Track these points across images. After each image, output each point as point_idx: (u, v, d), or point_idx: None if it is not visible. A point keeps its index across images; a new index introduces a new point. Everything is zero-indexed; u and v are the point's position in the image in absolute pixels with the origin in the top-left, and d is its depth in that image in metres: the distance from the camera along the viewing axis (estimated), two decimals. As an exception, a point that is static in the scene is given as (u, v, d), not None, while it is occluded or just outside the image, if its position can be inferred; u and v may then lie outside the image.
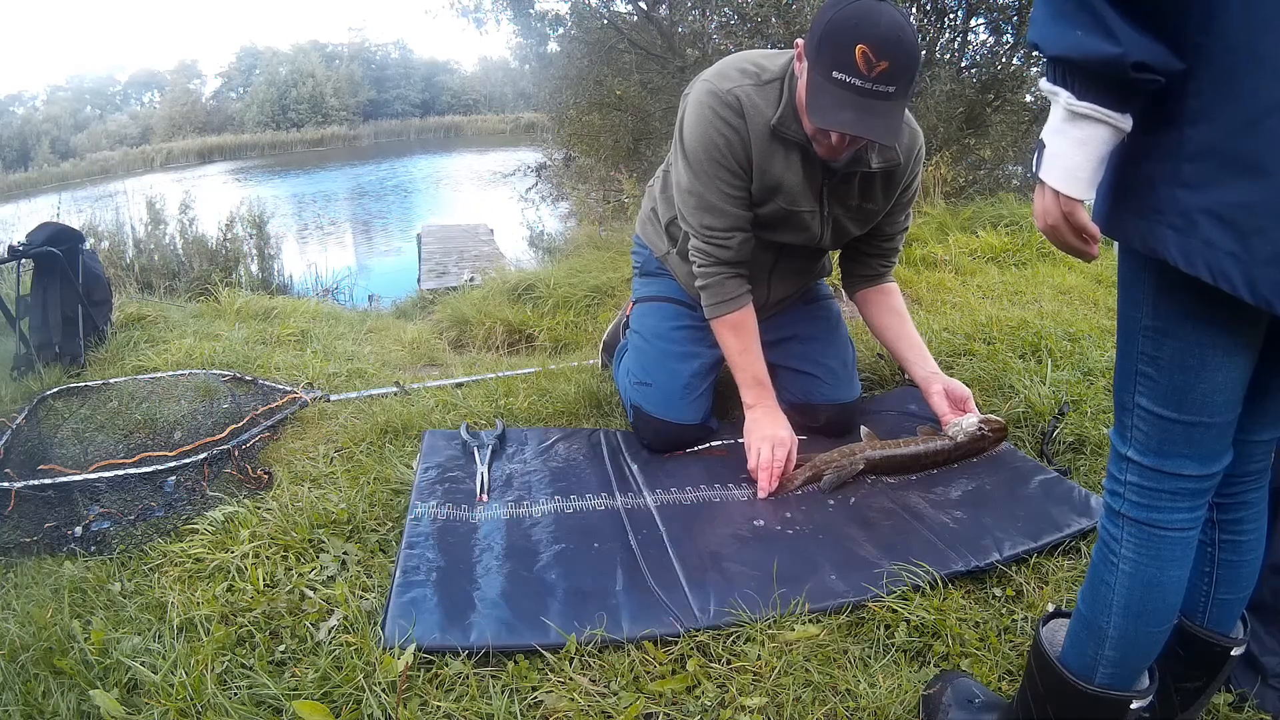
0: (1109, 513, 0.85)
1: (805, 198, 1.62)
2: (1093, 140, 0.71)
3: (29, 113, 36.42)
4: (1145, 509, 0.82)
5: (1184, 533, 0.82)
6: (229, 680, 1.13)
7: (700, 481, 1.66)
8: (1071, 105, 0.71)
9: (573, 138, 8.98)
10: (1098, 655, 0.86)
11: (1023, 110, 6.43)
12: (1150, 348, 0.77)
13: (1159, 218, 0.70)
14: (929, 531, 1.46)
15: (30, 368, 2.48)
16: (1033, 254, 4.10)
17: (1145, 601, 0.83)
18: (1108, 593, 0.84)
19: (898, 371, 2.21)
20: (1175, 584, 0.83)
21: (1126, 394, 0.81)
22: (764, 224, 1.67)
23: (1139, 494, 0.82)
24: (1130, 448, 0.82)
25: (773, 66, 1.57)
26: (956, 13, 6.48)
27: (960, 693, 1.06)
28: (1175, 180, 0.69)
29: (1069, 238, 0.76)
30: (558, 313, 3.82)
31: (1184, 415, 0.77)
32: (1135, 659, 0.86)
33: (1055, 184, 0.73)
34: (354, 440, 1.92)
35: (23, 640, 1.23)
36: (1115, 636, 0.84)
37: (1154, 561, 0.82)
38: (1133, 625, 0.84)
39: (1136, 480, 0.82)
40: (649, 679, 1.14)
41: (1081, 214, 0.75)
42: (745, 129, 1.54)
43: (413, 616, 1.23)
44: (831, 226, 1.69)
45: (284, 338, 2.99)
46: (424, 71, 45.72)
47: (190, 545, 1.48)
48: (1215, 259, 0.67)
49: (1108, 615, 0.84)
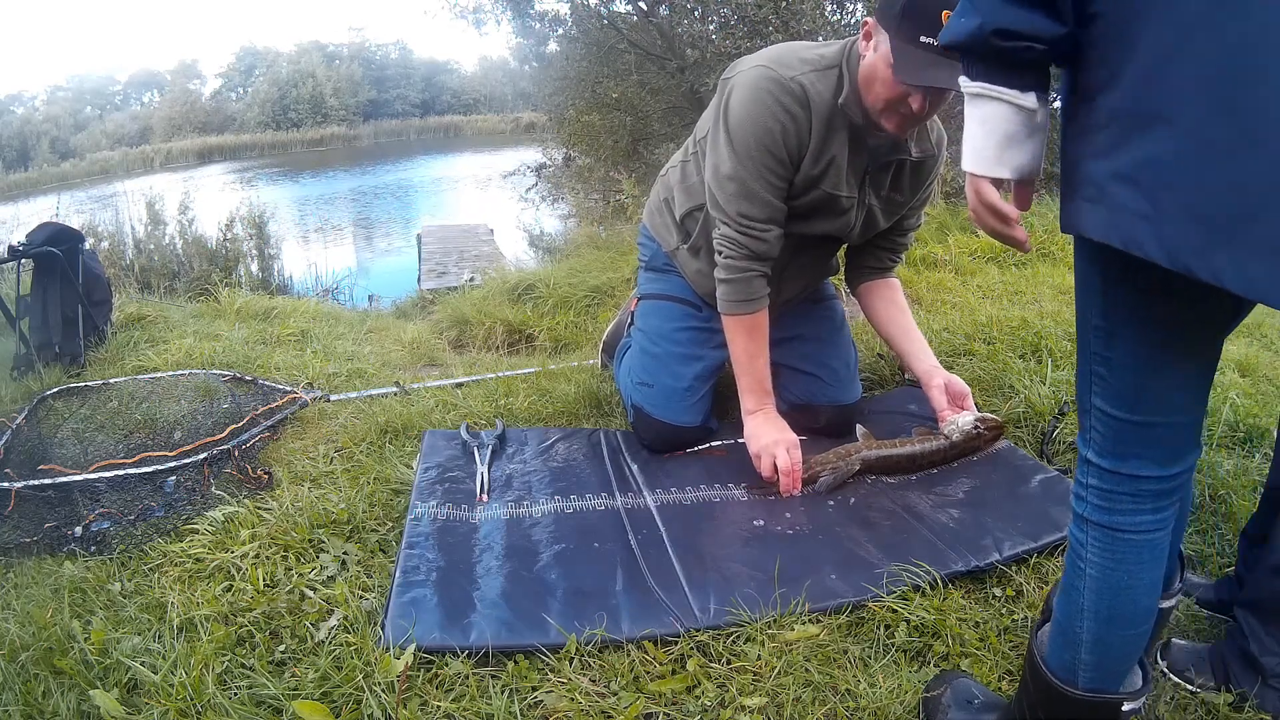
0: (1075, 517, 0.84)
1: (848, 183, 1.62)
2: (992, 119, 0.72)
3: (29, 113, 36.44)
4: (1106, 512, 0.80)
5: (1148, 535, 0.80)
6: (229, 680, 1.13)
7: (700, 481, 1.66)
8: (966, 88, 0.72)
9: (572, 138, 8.98)
10: (1076, 660, 0.85)
11: (1023, 110, 6.42)
12: (1101, 347, 0.75)
13: (1077, 193, 0.68)
14: (929, 531, 1.46)
15: (30, 368, 2.48)
16: (1033, 254, 4.10)
17: (1114, 606, 0.82)
18: (1078, 598, 0.83)
19: (898, 372, 2.21)
20: (1145, 587, 0.82)
21: (1084, 395, 0.79)
22: (798, 214, 1.66)
23: (1099, 497, 0.80)
24: (1090, 449, 0.80)
25: (829, 53, 1.58)
26: (956, 13, 6.48)
27: (960, 693, 1.05)
28: (1089, 152, 0.67)
29: (987, 219, 0.76)
30: (558, 313, 3.82)
31: (1137, 416, 0.75)
32: (1112, 662, 0.86)
33: (965, 164, 0.75)
34: (354, 440, 1.92)
35: (23, 640, 1.23)
36: (1089, 641, 0.84)
37: (1119, 565, 0.81)
38: (1104, 629, 0.83)
39: (1097, 483, 0.80)
40: (649, 679, 1.14)
41: (989, 191, 0.75)
42: (807, 117, 1.53)
43: (413, 616, 1.23)
44: (864, 216, 1.70)
45: (284, 338, 2.99)
46: (424, 71, 45.72)
47: (190, 545, 1.48)
48: (1126, 224, 0.63)
49: (1080, 620, 0.84)
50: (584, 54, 8.40)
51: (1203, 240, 0.58)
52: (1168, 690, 1.12)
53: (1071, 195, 0.70)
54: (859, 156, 1.60)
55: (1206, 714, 1.08)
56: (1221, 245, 0.57)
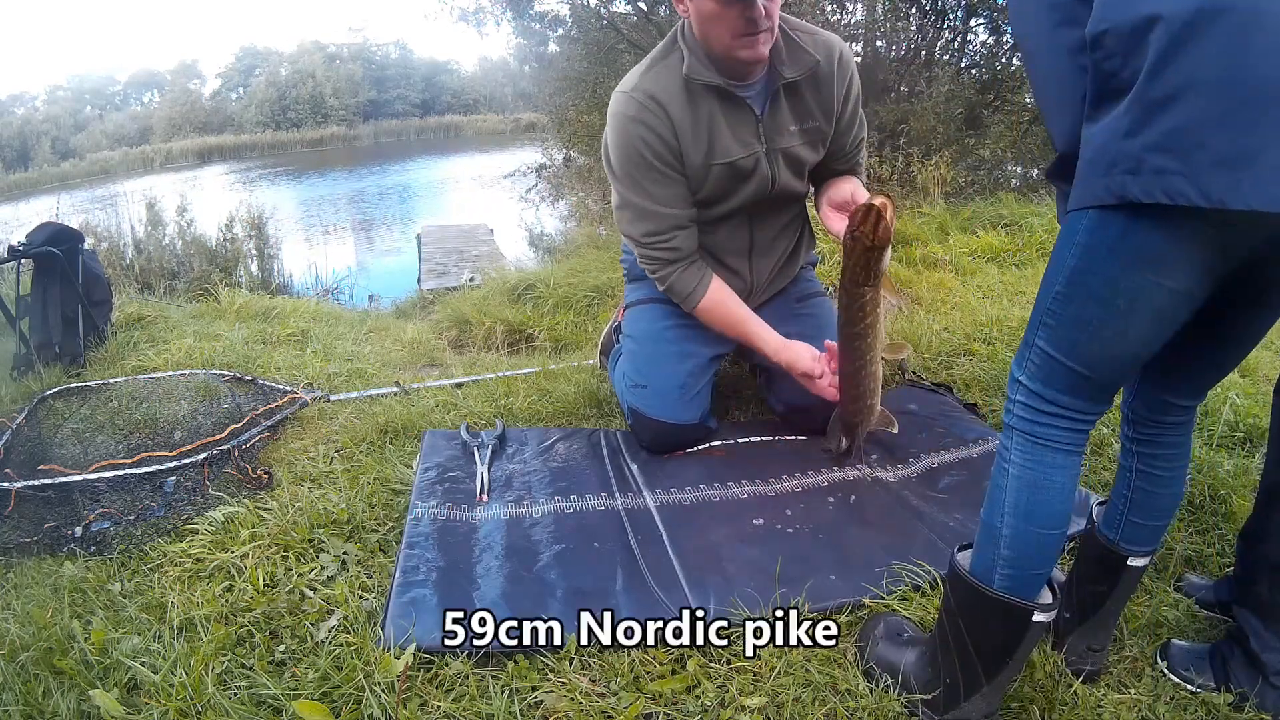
0: (1005, 429, 0.98)
1: (740, 143, 1.62)
2: None
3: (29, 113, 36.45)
4: (1030, 423, 0.94)
5: (1064, 446, 0.94)
6: (229, 680, 1.13)
7: (700, 481, 1.66)
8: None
9: (573, 138, 8.98)
10: (995, 557, 0.96)
11: (1022, 110, 6.43)
12: (1056, 306, 0.89)
13: (1116, 169, 0.79)
14: (929, 531, 1.46)
15: (30, 368, 2.48)
16: (1033, 254, 4.10)
17: (1032, 502, 0.94)
18: (1000, 495, 0.96)
19: (898, 371, 2.21)
20: (1059, 489, 0.94)
21: (1031, 333, 0.93)
22: (716, 198, 1.68)
23: (1025, 411, 0.95)
24: (1023, 373, 0.95)
25: (661, 46, 1.64)
26: (956, 13, 6.48)
27: (890, 628, 1.18)
28: (1120, 135, 0.78)
29: None
30: (558, 313, 3.82)
31: (1073, 363, 0.89)
32: (1028, 561, 0.95)
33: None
34: (354, 440, 1.92)
35: (23, 640, 1.23)
36: (1009, 535, 0.95)
37: (1038, 466, 0.94)
38: (1023, 524, 0.94)
39: (1024, 400, 0.95)
40: (649, 679, 1.14)
41: None
42: (664, 115, 1.58)
43: (413, 616, 1.23)
44: (782, 161, 1.68)
45: (284, 338, 2.99)
46: (424, 71, 45.72)
47: (190, 545, 1.48)
48: (1168, 183, 0.75)
49: (1000, 515, 0.96)
50: (584, 54, 8.40)
51: (1229, 179, 0.72)
52: (1168, 690, 1.12)
53: (1106, 172, 0.80)
54: (739, 112, 1.61)
55: (1206, 714, 1.08)
56: (1245, 178, 0.72)
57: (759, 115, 1.62)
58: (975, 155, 6.19)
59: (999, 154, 6.20)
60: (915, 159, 5.62)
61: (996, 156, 6.23)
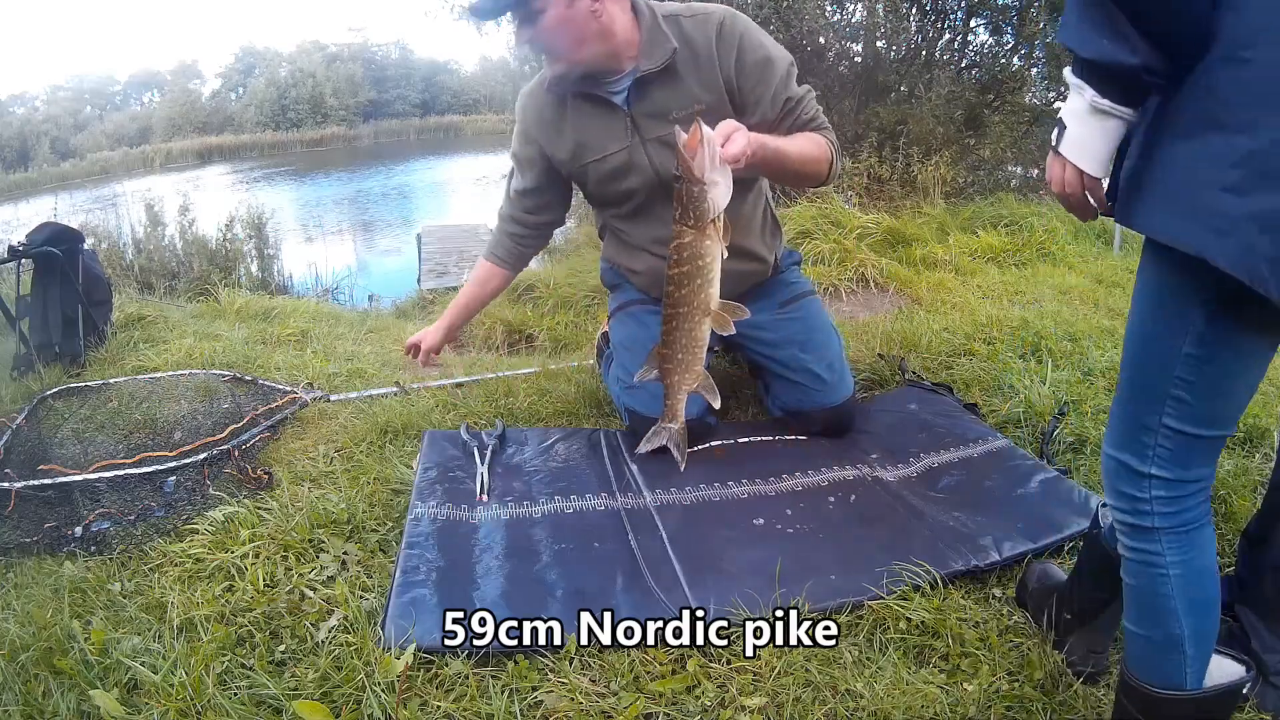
0: (1136, 532, 0.87)
1: (612, 139, 1.70)
2: (1114, 131, 0.82)
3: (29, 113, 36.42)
4: (1176, 516, 0.85)
5: (1207, 517, 0.87)
6: (229, 680, 1.13)
7: (700, 481, 1.66)
8: (1096, 102, 0.80)
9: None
10: (1181, 662, 0.88)
11: (1022, 110, 6.44)
12: (1189, 373, 0.80)
13: (1202, 219, 0.73)
14: (929, 531, 1.46)
15: (30, 368, 2.48)
16: (1033, 254, 4.11)
17: (1202, 589, 0.87)
18: (1166, 603, 0.87)
19: (898, 371, 2.21)
20: (1213, 561, 0.88)
21: (1150, 416, 0.83)
22: (609, 195, 1.79)
23: (1167, 505, 0.85)
24: (1152, 466, 0.84)
25: None
26: (956, 13, 6.48)
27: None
28: (1221, 185, 0.71)
29: (1083, 205, 0.88)
30: (558, 313, 3.82)
31: (1213, 431, 0.82)
32: (1210, 639, 0.89)
33: (1083, 165, 0.84)
34: (354, 440, 1.92)
35: (23, 640, 1.23)
36: (1191, 634, 0.87)
37: (1197, 552, 0.86)
38: (1200, 619, 0.87)
39: (1164, 494, 0.85)
40: (649, 679, 1.14)
41: (1099, 189, 0.86)
42: (525, 123, 1.81)
43: (413, 616, 1.23)
44: (659, 150, 1.67)
45: (284, 338, 2.99)
46: (424, 71, 45.70)
47: (190, 545, 1.48)
48: (1255, 264, 0.69)
49: (1174, 622, 0.87)
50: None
51: None
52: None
53: (1187, 214, 0.74)
54: (608, 110, 1.69)
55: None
56: None
57: (627, 110, 1.67)
58: (975, 155, 6.20)
59: (999, 154, 6.20)
60: (915, 159, 5.63)
61: (997, 156, 6.24)
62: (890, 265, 3.74)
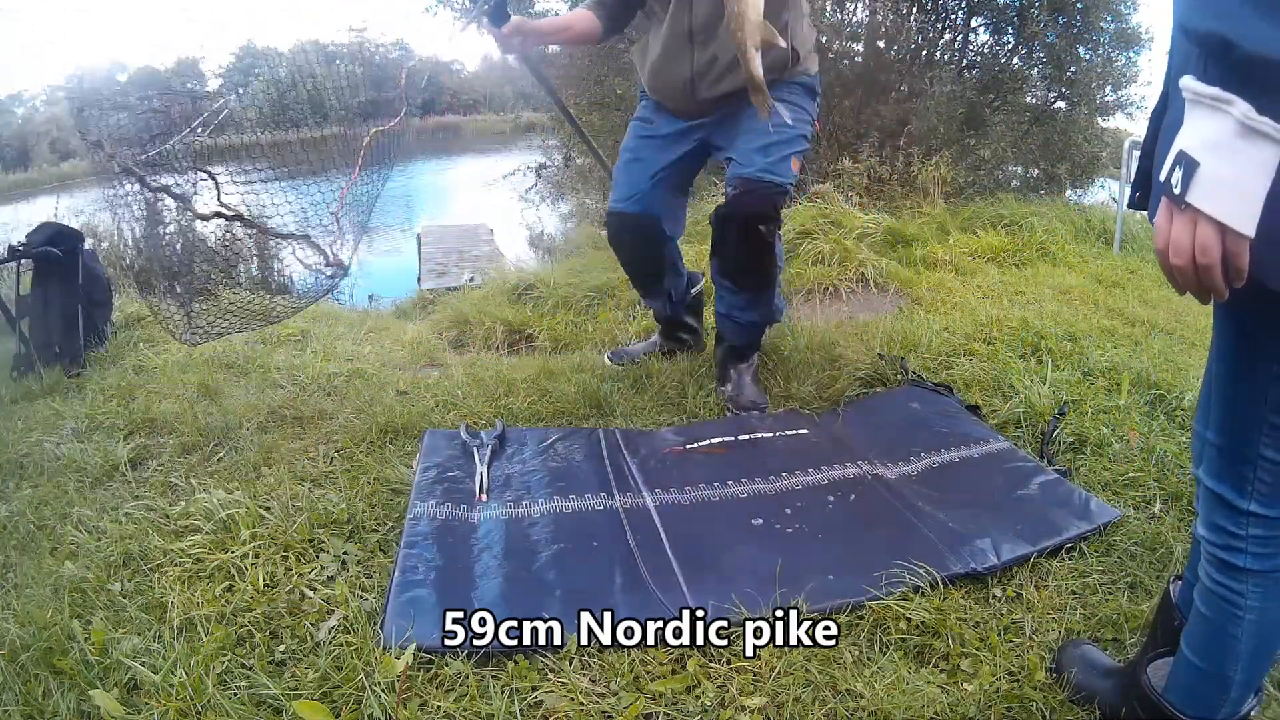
0: (1224, 568, 0.83)
1: None
2: (1271, 164, 0.57)
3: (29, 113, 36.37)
4: (1268, 559, 0.80)
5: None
6: (229, 680, 1.13)
7: (699, 481, 1.66)
8: (1249, 120, 0.56)
9: (573, 138, 8.96)
10: (1222, 699, 0.88)
11: (1023, 110, 6.44)
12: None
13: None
14: (929, 531, 1.46)
15: (30, 368, 2.48)
16: (1033, 254, 4.10)
17: (1270, 642, 0.84)
18: (1234, 644, 0.84)
19: (899, 371, 2.21)
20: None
21: (1249, 446, 0.77)
22: None
23: (1263, 545, 0.80)
24: (1252, 501, 0.78)
25: None
26: (957, 13, 6.48)
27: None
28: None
29: (1216, 280, 0.61)
30: (558, 313, 3.81)
31: None
32: (1251, 690, 0.89)
33: (1231, 220, 0.59)
34: (354, 440, 1.92)
35: (23, 640, 1.23)
36: (1242, 681, 0.86)
37: (1278, 604, 0.82)
38: (1259, 667, 0.86)
39: (1261, 533, 0.79)
40: (649, 679, 1.14)
41: (1246, 255, 0.61)
42: None
43: (412, 616, 1.23)
44: None
45: (284, 338, 2.99)
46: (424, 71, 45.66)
47: (190, 545, 1.48)
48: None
49: (1235, 664, 0.85)
50: (584, 52, 8.38)
51: None
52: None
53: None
54: None
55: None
56: None
57: None
58: (976, 155, 6.19)
59: (999, 154, 6.20)
60: (916, 159, 5.63)
61: (997, 156, 6.24)
62: (890, 265, 3.74)
